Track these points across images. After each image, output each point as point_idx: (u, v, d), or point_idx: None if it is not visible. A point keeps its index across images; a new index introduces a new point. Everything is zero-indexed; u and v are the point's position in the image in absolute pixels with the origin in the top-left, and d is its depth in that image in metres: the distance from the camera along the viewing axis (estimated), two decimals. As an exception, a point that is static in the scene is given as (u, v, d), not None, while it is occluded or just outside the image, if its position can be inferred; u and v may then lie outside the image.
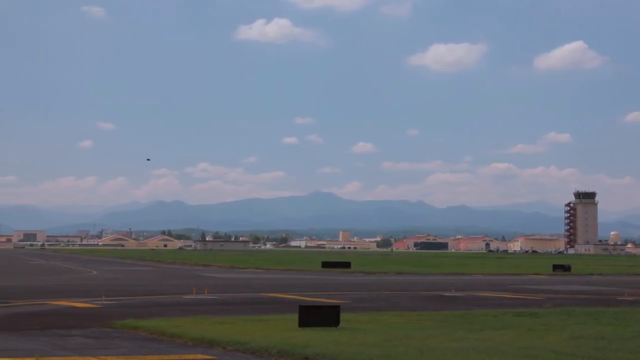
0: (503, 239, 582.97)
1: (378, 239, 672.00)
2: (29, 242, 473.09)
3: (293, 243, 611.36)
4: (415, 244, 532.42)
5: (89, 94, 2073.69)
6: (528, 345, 24.53)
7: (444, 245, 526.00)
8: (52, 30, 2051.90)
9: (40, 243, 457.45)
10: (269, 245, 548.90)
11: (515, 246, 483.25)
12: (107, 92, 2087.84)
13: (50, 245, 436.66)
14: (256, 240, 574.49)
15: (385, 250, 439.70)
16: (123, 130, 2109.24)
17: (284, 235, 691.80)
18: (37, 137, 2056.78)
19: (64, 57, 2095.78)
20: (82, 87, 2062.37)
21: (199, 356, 23.24)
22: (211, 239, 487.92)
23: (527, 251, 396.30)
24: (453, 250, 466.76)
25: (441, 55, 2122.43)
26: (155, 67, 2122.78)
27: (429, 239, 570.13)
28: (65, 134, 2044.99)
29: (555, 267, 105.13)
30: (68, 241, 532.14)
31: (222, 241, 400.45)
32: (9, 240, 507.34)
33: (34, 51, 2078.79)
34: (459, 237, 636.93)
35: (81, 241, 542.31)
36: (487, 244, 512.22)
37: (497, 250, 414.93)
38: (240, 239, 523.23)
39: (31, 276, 77.10)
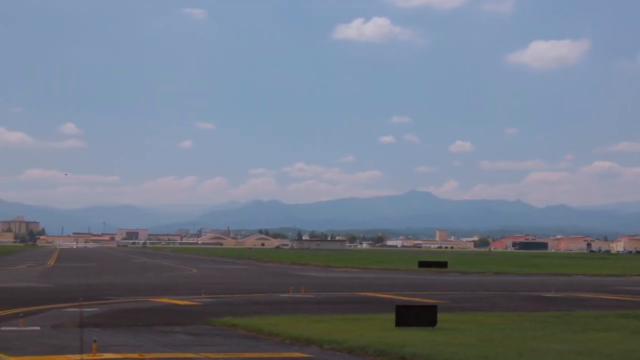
0: (605, 239, 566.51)
1: (475, 238, 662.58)
2: (131, 241, 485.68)
3: (389, 242, 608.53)
4: (514, 244, 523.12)
5: (190, 95, 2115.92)
6: (634, 349, 23.77)
7: (543, 245, 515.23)
8: (154, 32, 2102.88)
9: (141, 241, 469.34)
10: (365, 245, 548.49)
11: (619, 246, 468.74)
12: (207, 93, 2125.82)
13: (151, 243, 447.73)
14: (352, 239, 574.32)
15: (482, 250, 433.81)
16: (222, 131, 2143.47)
17: (380, 235, 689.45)
18: (140, 138, 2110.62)
19: (166, 58, 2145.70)
20: (183, 88, 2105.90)
21: (296, 354, 23.39)
22: (307, 238, 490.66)
23: (630, 251, 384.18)
24: (553, 251, 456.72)
25: (542, 52, 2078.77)
26: (253, 68, 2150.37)
27: (528, 239, 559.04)
28: (167, 135, 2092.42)
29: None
30: (168, 240, 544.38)
31: (318, 240, 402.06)
32: (112, 239, 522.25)
33: (136, 53, 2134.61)
34: (559, 237, 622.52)
35: (181, 240, 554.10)
36: (589, 244, 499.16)
37: (599, 251, 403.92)
38: (337, 238, 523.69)
39: (134, 274, 79.16)
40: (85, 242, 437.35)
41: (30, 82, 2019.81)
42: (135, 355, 22.32)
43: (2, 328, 28.47)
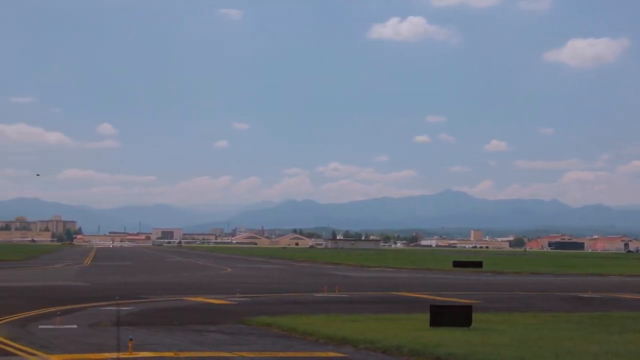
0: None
1: (511, 238, 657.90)
2: (166, 240, 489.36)
3: (423, 242, 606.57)
4: (550, 244, 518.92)
5: (225, 95, 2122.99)
6: (672, 350, 23.48)
7: (579, 245, 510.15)
8: (189, 33, 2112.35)
9: (176, 241, 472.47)
10: (399, 244, 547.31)
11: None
12: (242, 93, 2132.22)
13: (186, 243, 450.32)
14: (386, 239, 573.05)
15: (518, 250, 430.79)
16: (257, 130, 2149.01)
17: (414, 234, 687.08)
18: (175, 138, 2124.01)
19: (201, 58, 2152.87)
20: (219, 88, 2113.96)
21: (331, 354, 23.41)
22: (341, 237, 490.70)
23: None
24: (589, 251, 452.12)
25: (579, 50, 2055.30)
26: (288, 68, 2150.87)
27: (564, 239, 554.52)
28: (202, 134, 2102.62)
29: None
30: (203, 239, 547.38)
31: (352, 240, 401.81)
32: (147, 238, 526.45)
33: (172, 53, 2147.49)
34: (596, 236, 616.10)
35: (215, 239, 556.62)
36: (626, 244, 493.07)
37: (637, 251, 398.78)
38: (371, 237, 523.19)
39: (169, 273, 79.72)
40: (121, 242, 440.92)
41: (68, 83, 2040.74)
42: (171, 354, 22.49)
43: (41, 326, 28.85)
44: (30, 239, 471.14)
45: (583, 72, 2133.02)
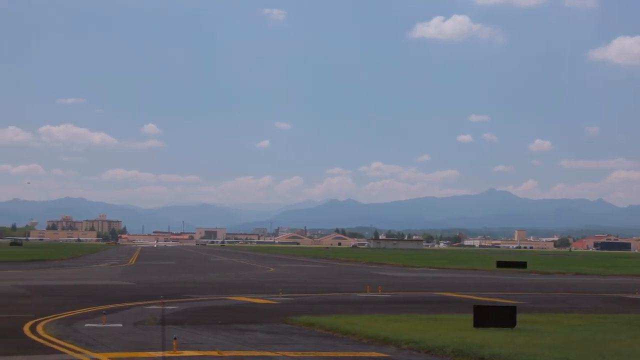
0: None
1: (555, 238, 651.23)
2: (209, 240, 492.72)
3: (467, 242, 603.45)
4: (595, 244, 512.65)
5: (268, 95, 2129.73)
6: None
7: (626, 246, 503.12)
8: (233, 33, 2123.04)
9: (220, 240, 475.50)
10: (442, 245, 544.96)
11: None
12: (285, 93, 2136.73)
13: (229, 242, 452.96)
14: (429, 239, 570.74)
15: (563, 250, 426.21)
16: (299, 130, 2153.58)
17: (457, 235, 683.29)
18: (218, 138, 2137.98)
19: (244, 59, 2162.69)
20: (262, 89, 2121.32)
21: (374, 354, 23.40)
22: (384, 237, 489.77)
23: None
24: (636, 251, 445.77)
25: (626, 48, 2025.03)
26: (331, 67, 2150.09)
27: (610, 239, 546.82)
28: (245, 134, 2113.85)
29: None
30: (246, 239, 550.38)
31: (395, 240, 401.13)
32: (191, 238, 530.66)
33: (215, 54, 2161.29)
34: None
35: (258, 239, 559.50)
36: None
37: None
38: (413, 237, 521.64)
39: (213, 272, 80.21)
40: (165, 241, 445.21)
41: (112, 84, 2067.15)
42: (215, 353, 22.64)
43: (87, 325, 29.24)
44: (76, 238, 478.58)
45: (629, 69, 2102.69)
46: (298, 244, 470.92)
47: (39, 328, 28.18)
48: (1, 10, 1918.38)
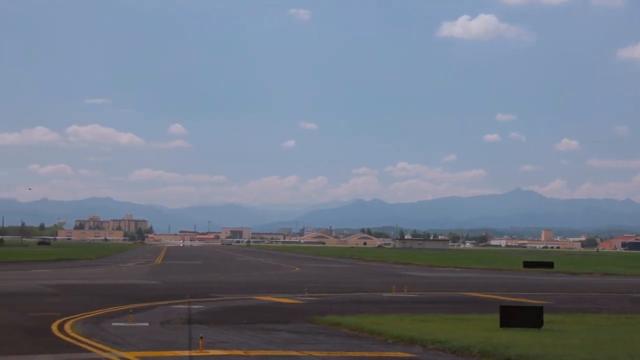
0: None
1: (583, 238, 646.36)
2: (235, 239, 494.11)
3: (493, 242, 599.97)
4: (623, 244, 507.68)
5: (294, 95, 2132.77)
6: None
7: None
8: (258, 33, 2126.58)
9: (245, 240, 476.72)
10: (468, 244, 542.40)
11: None
12: (311, 93, 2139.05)
13: (254, 242, 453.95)
14: (455, 239, 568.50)
15: (590, 250, 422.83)
16: (325, 130, 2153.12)
17: (483, 234, 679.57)
18: (244, 138, 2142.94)
19: (270, 59, 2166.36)
20: (287, 89, 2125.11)
21: (400, 354, 23.36)
22: (410, 237, 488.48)
23: None
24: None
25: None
26: (357, 67, 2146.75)
27: (638, 239, 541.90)
28: (270, 135, 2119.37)
29: None
30: (271, 238, 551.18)
31: (421, 240, 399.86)
32: (217, 237, 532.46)
33: (241, 54, 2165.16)
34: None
35: (284, 239, 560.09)
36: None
37: None
38: (439, 237, 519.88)
39: (239, 272, 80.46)
40: (191, 241, 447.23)
41: (139, 84, 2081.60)
42: (241, 352, 22.72)
43: (114, 324, 29.45)
44: (103, 237, 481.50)
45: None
46: (323, 243, 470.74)
47: (67, 327, 28.45)
48: (30, 13, 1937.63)
